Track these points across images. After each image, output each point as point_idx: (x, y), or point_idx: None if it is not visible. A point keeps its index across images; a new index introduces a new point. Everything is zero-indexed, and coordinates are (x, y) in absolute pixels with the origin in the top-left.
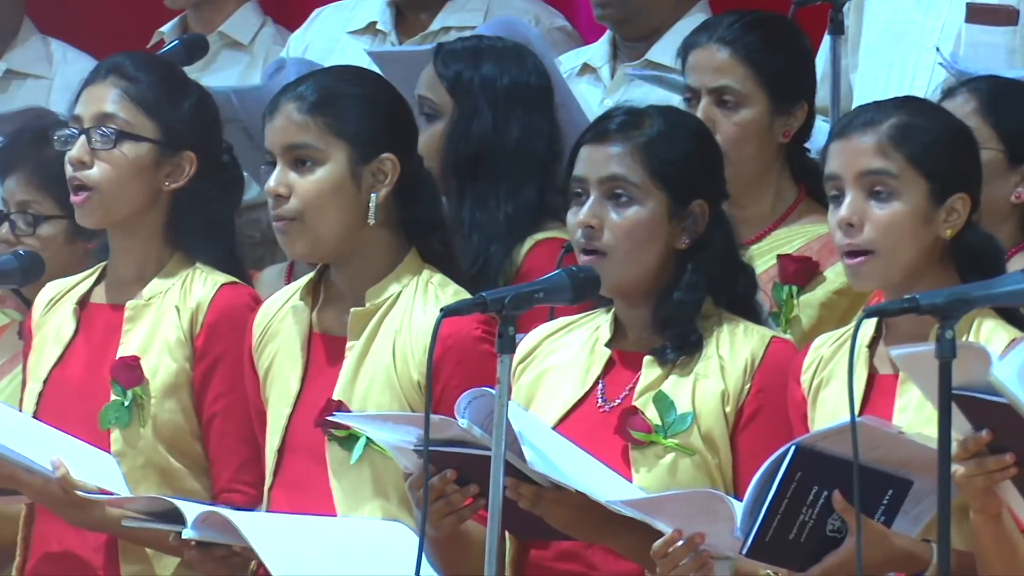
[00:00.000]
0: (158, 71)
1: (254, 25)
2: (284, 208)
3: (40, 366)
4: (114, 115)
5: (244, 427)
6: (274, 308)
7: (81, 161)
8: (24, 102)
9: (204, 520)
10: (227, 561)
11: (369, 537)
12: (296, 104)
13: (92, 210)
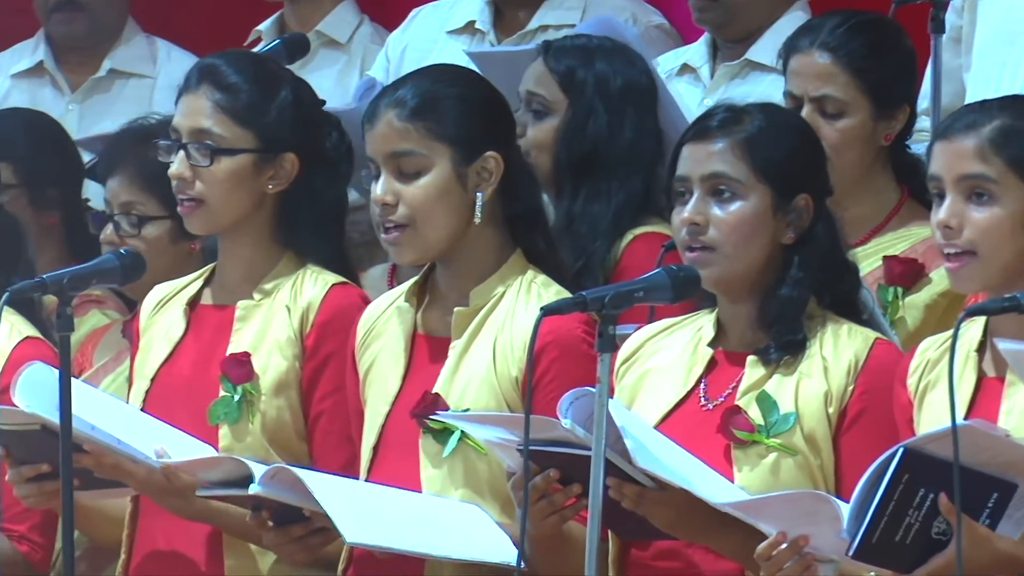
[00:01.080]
0: (250, 73)
1: (351, 24)
2: (393, 216)
3: (148, 365)
4: (209, 130)
5: (348, 425)
6: (379, 309)
7: (182, 177)
8: (128, 102)
9: (273, 476)
10: (305, 542)
11: (443, 515)
12: (396, 111)
13: (199, 220)
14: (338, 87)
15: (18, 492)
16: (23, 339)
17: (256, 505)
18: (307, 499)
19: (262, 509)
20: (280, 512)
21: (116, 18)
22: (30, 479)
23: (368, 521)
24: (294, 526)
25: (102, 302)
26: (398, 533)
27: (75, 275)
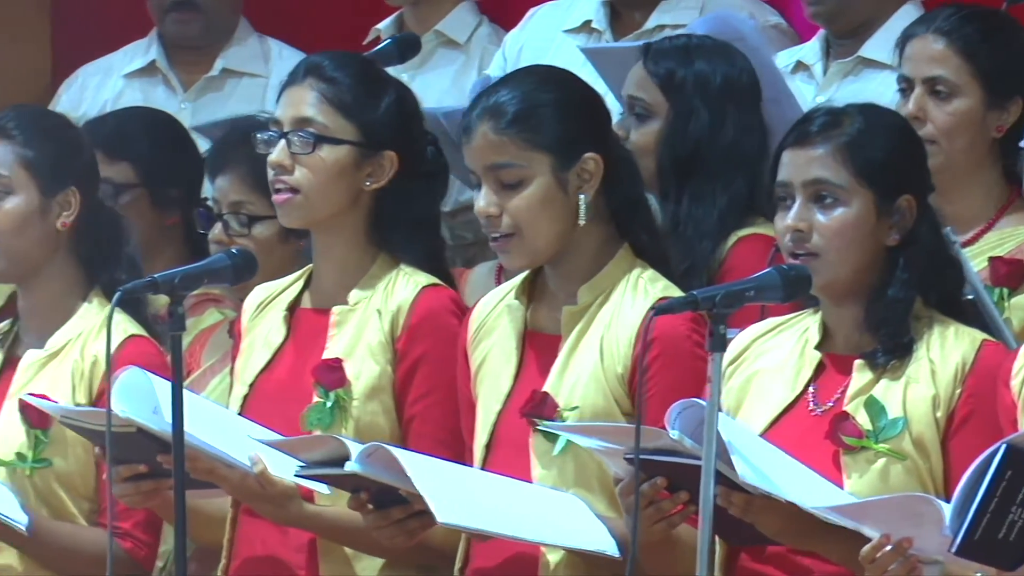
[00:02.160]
0: (356, 71)
1: (470, 24)
2: (499, 227)
3: (247, 370)
4: (312, 119)
5: (441, 429)
6: (489, 306)
7: (281, 165)
8: (240, 101)
9: (370, 455)
10: (404, 525)
11: (540, 502)
12: (491, 124)
13: (294, 211)
14: (455, 87)
15: (116, 492)
16: (127, 337)
17: (355, 488)
18: (403, 479)
19: (361, 491)
20: (379, 495)
21: (229, 18)
22: (127, 479)
23: (462, 502)
24: (394, 508)
25: (219, 300)
26: (492, 516)
27: (186, 275)
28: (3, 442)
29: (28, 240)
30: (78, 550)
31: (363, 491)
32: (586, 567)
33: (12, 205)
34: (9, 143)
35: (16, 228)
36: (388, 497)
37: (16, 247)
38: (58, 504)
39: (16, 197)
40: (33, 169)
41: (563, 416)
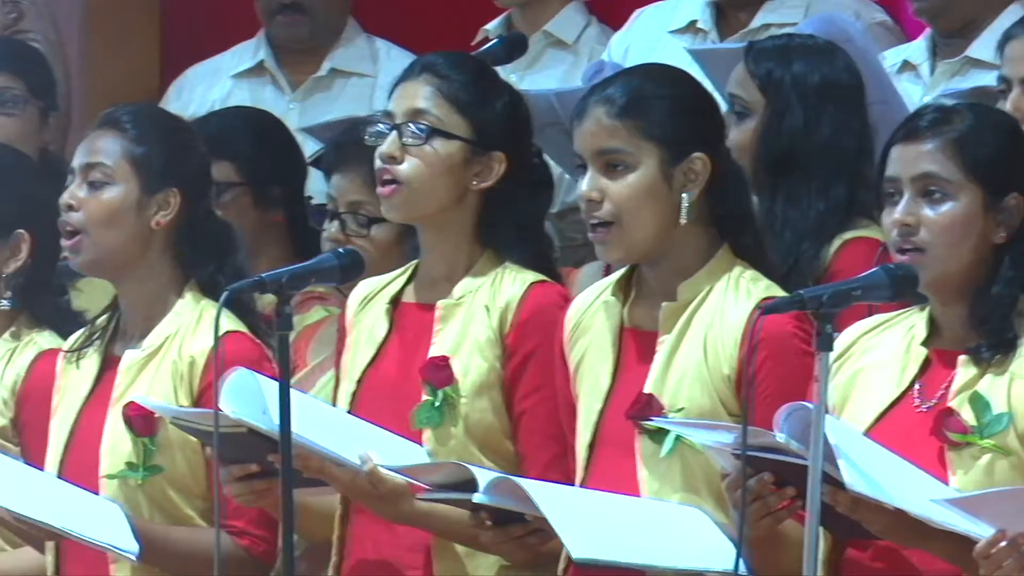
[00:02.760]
0: (471, 70)
1: (579, 24)
2: (599, 212)
3: (354, 366)
4: (426, 111)
5: (553, 424)
6: (586, 303)
7: (392, 156)
8: (348, 101)
9: (497, 486)
10: (523, 542)
11: (664, 520)
12: (604, 108)
13: (398, 204)
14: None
15: (228, 491)
16: (225, 334)
17: (475, 506)
18: (531, 508)
19: (481, 509)
20: (499, 512)
21: (337, 19)
22: (240, 479)
23: (593, 533)
24: (513, 526)
25: (325, 298)
26: (622, 545)
27: (294, 274)
28: (112, 454)
29: (119, 233)
30: (196, 553)
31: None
32: None
33: (109, 196)
34: (120, 136)
35: (108, 219)
36: (508, 514)
37: (106, 239)
38: (172, 508)
39: (115, 188)
40: (137, 165)
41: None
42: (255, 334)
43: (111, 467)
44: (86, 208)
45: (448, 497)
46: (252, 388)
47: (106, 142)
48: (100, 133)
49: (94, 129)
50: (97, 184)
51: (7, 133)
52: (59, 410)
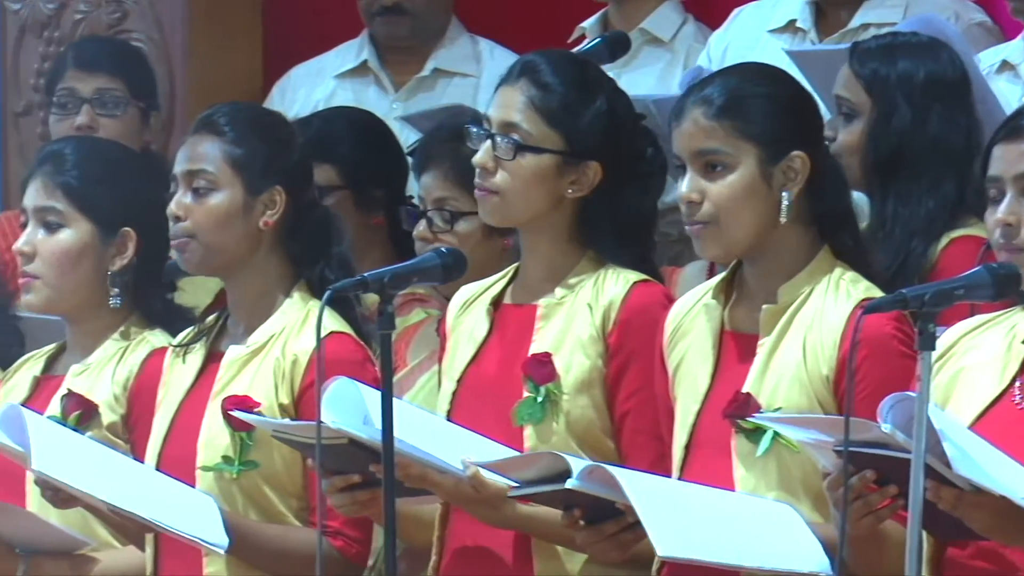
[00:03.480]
0: (570, 75)
1: (675, 22)
2: (698, 213)
3: (454, 366)
4: (517, 125)
5: (656, 424)
6: (686, 306)
7: (484, 167)
8: (451, 101)
9: (591, 473)
10: (618, 539)
11: (755, 517)
12: (703, 109)
13: (493, 210)
14: (660, 85)
15: (332, 502)
16: (328, 334)
17: (568, 504)
18: (622, 497)
19: (574, 508)
20: (592, 510)
21: (440, 19)
22: (342, 489)
23: (681, 530)
24: (607, 523)
25: (425, 300)
26: (710, 543)
27: (396, 273)
28: (209, 447)
29: (229, 237)
30: (288, 552)
31: (576, 508)
32: None
33: (216, 202)
34: (219, 140)
35: (218, 225)
36: (601, 512)
37: (216, 243)
38: (267, 505)
39: (220, 194)
40: (239, 167)
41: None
42: (359, 335)
43: (207, 460)
44: (193, 216)
45: (540, 491)
46: (353, 397)
47: (205, 147)
48: (198, 138)
49: (191, 134)
50: (202, 191)
51: (109, 134)
52: (163, 404)
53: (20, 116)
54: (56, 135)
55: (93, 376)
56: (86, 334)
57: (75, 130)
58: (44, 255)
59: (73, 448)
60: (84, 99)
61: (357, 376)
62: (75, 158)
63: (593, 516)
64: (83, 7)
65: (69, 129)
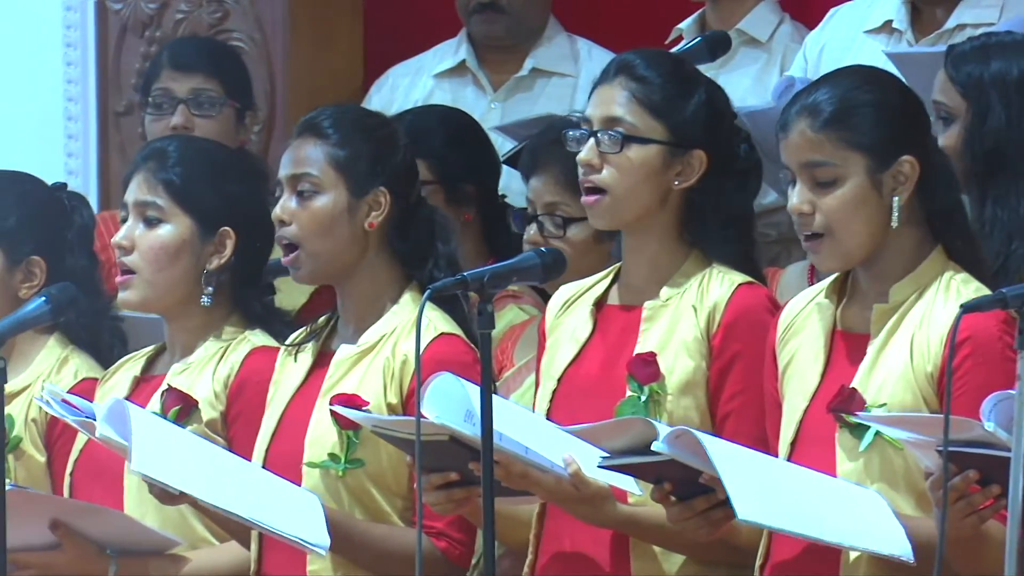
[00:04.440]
0: (667, 69)
1: (772, 22)
2: (811, 225)
3: (554, 365)
4: (621, 118)
5: (757, 427)
6: (799, 306)
7: (590, 164)
8: (549, 100)
9: (677, 438)
10: (708, 516)
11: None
12: (809, 121)
13: (603, 212)
14: (757, 85)
15: (428, 499)
16: (437, 335)
17: (658, 479)
18: (708, 465)
19: (664, 481)
20: (683, 486)
21: (537, 18)
22: (439, 487)
23: (763, 498)
24: (697, 499)
25: (519, 297)
26: (792, 514)
27: (496, 273)
28: (316, 444)
29: (335, 240)
30: (392, 552)
31: (666, 482)
32: (889, 567)
33: (320, 205)
34: (322, 142)
35: (324, 229)
36: (691, 489)
37: (324, 248)
38: (372, 504)
39: (324, 197)
40: (343, 169)
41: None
42: (468, 337)
43: (314, 457)
44: (298, 220)
45: (628, 461)
46: (456, 393)
47: (309, 150)
48: (301, 141)
49: (295, 137)
50: (306, 194)
51: (204, 134)
52: (272, 402)
53: (121, 116)
54: (151, 135)
55: (193, 374)
56: (184, 332)
57: (170, 130)
58: (142, 249)
59: (175, 445)
60: (180, 99)
61: (466, 378)
62: (178, 155)
63: (683, 492)
64: (184, 7)
65: (164, 129)
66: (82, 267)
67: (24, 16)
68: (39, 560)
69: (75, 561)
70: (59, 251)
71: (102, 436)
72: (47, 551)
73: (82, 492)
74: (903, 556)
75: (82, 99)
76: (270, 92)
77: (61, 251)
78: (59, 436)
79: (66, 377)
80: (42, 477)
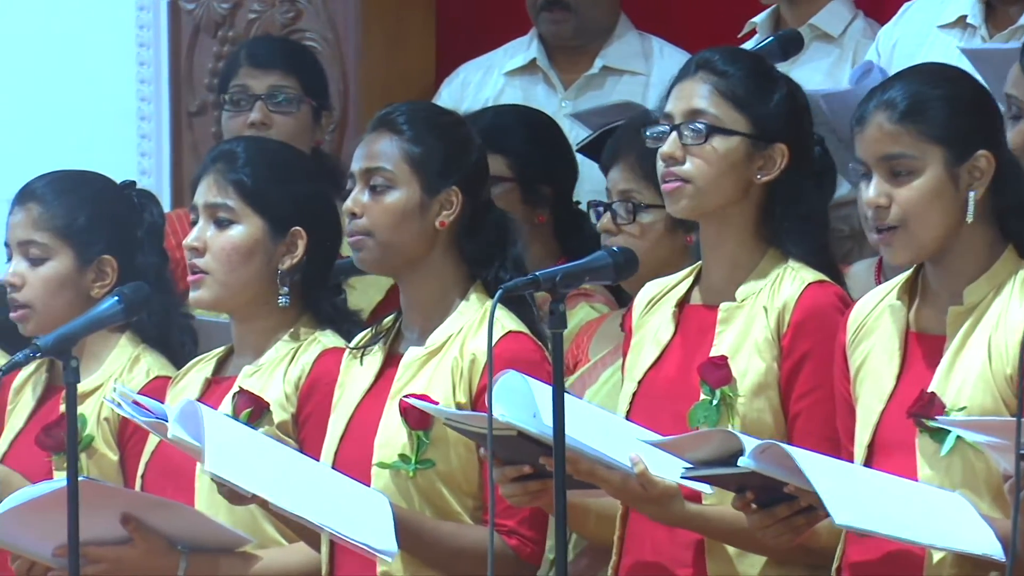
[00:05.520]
0: (747, 65)
1: (845, 18)
2: (887, 218)
3: (637, 366)
4: (704, 110)
5: (827, 426)
6: (869, 306)
7: (673, 156)
8: (620, 98)
9: (763, 452)
10: (790, 523)
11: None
12: (886, 114)
13: (684, 200)
14: (829, 80)
15: (503, 492)
16: (505, 334)
17: (740, 487)
18: (796, 476)
19: (746, 490)
20: (764, 494)
21: (606, 16)
22: (514, 480)
23: (856, 502)
24: (779, 506)
25: (590, 295)
26: (886, 517)
27: (568, 272)
28: (386, 444)
29: (405, 235)
30: (462, 550)
31: (748, 490)
32: (972, 567)
33: (392, 200)
34: (397, 138)
35: (394, 223)
36: (772, 496)
37: (392, 241)
38: (442, 503)
39: (397, 192)
40: (417, 166)
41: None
42: (535, 335)
43: (384, 457)
44: (370, 214)
45: (711, 473)
46: (522, 391)
47: (383, 145)
48: (376, 136)
49: (369, 132)
50: (379, 188)
51: (282, 132)
52: (339, 404)
53: (194, 115)
54: (228, 132)
55: (264, 376)
56: (255, 334)
57: (248, 126)
58: (214, 250)
59: (247, 447)
60: (257, 96)
61: (534, 375)
62: (247, 156)
63: (764, 500)
64: (257, 7)
65: (242, 125)
66: (152, 265)
67: (97, 16)
68: (110, 554)
69: (146, 556)
70: (130, 250)
71: (174, 437)
72: (118, 545)
73: (154, 491)
74: (994, 555)
75: (155, 99)
76: (342, 91)
77: (132, 250)
78: (131, 435)
79: (138, 376)
80: (114, 476)
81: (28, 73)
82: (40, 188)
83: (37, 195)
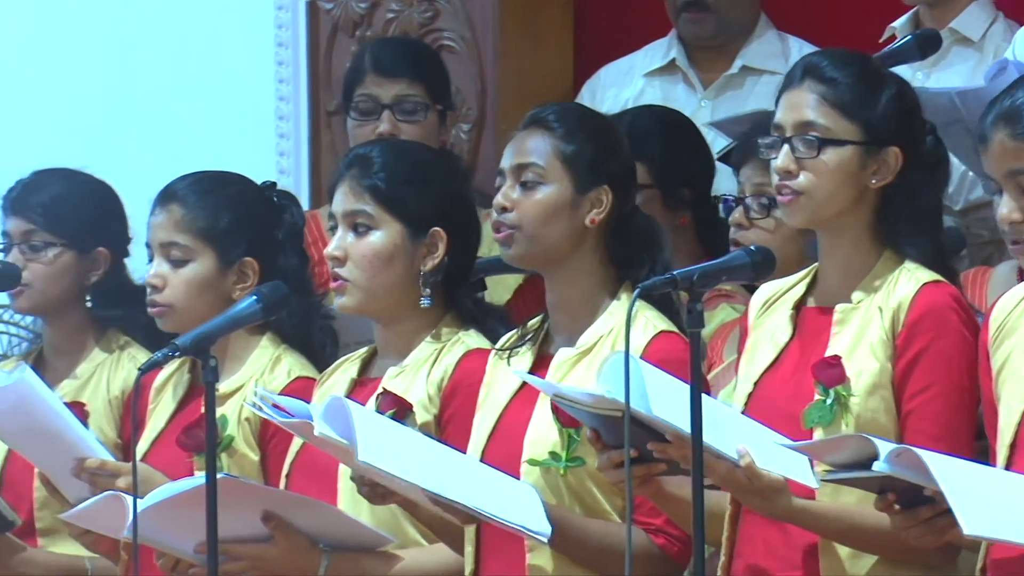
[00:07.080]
0: (854, 69)
1: (985, 21)
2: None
3: (752, 368)
4: (814, 122)
5: (936, 425)
6: (1010, 305)
7: (787, 170)
8: (759, 99)
9: (898, 456)
10: (932, 524)
11: None
12: (1008, 130)
13: (799, 211)
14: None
15: (610, 477)
16: (656, 333)
17: (882, 489)
18: (931, 480)
19: (888, 492)
20: (906, 494)
21: (745, 16)
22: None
23: (989, 510)
24: (921, 508)
25: (731, 296)
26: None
27: (705, 272)
28: (537, 442)
29: (554, 231)
30: (610, 547)
31: (889, 492)
32: None
33: (543, 195)
34: (549, 135)
35: (545, 218)
36: (915, 497)
37: (541, 235)
38: (591, 502)
39: (548, 188)
40: (569, 163)
41: None
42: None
43: (534, 455)
44: (520, 208)
45: (851, 476)
46: (633, 372)
47: (536, 141)
48: (528, 133)
49: (521, 129)
50: (530, 184)
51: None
52: (485, 404)
53: (332, 115)
54: (355, 140)
55: (409, 377)
56: (399, 335)
57: (377, 136)
58: (355, 258)
59: (396, 439)
60: (385, 105)
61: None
62: (382, 160)
63: (906, 501)
64: (395, 6)
65: (369, 135)
66: (293, 267)
67: (236, 16)
68: (251, 552)
69: (287, 553)
70: (271, 251)
71: (321, 434)
72: (259, 543)
73: (298, 491)
74: None
75: (294, 98)
76: (480, 91)
77: (273, 251)
78: (273, 435)
79: (279, 377)
80: (255, 476)
81: (168, 74)
82: (182, 189)
83: (179, 196)
